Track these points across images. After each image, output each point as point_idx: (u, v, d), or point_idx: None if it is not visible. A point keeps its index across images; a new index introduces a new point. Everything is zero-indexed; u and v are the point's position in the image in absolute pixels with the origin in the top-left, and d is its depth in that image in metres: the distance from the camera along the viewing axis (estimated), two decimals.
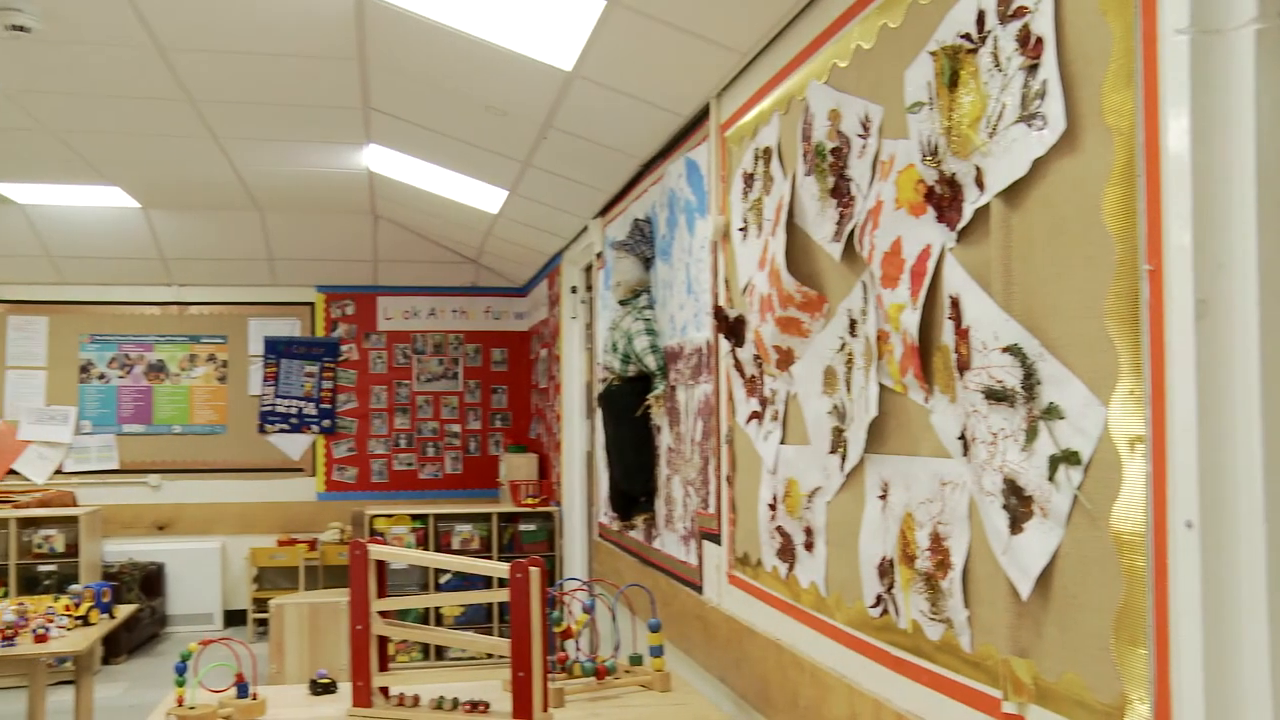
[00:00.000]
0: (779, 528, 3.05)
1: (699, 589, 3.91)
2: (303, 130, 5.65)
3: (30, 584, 7.56)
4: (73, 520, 7.71)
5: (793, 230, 2.85)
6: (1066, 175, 1.70)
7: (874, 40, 2.40)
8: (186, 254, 8.51)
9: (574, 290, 6.93)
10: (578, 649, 3.48)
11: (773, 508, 3.10)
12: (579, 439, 6.92)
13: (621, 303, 4.71)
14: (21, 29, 3.99)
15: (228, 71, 4.64)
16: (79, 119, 5.40)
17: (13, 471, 8.62)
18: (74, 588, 5.34)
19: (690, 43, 3.32)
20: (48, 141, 5.81)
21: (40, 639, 4.69)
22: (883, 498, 2.38)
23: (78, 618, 5.03)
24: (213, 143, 5.86)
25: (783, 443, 3.02)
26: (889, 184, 2.28)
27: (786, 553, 2.99)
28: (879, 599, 2.40)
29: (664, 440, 4.41)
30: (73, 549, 7.67)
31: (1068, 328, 1.70)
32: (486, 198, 6.28)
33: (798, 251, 2.83)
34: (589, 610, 3.52)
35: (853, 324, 2.52)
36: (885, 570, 2.36)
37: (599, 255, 5.74)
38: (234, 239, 8.33)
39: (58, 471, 8.70)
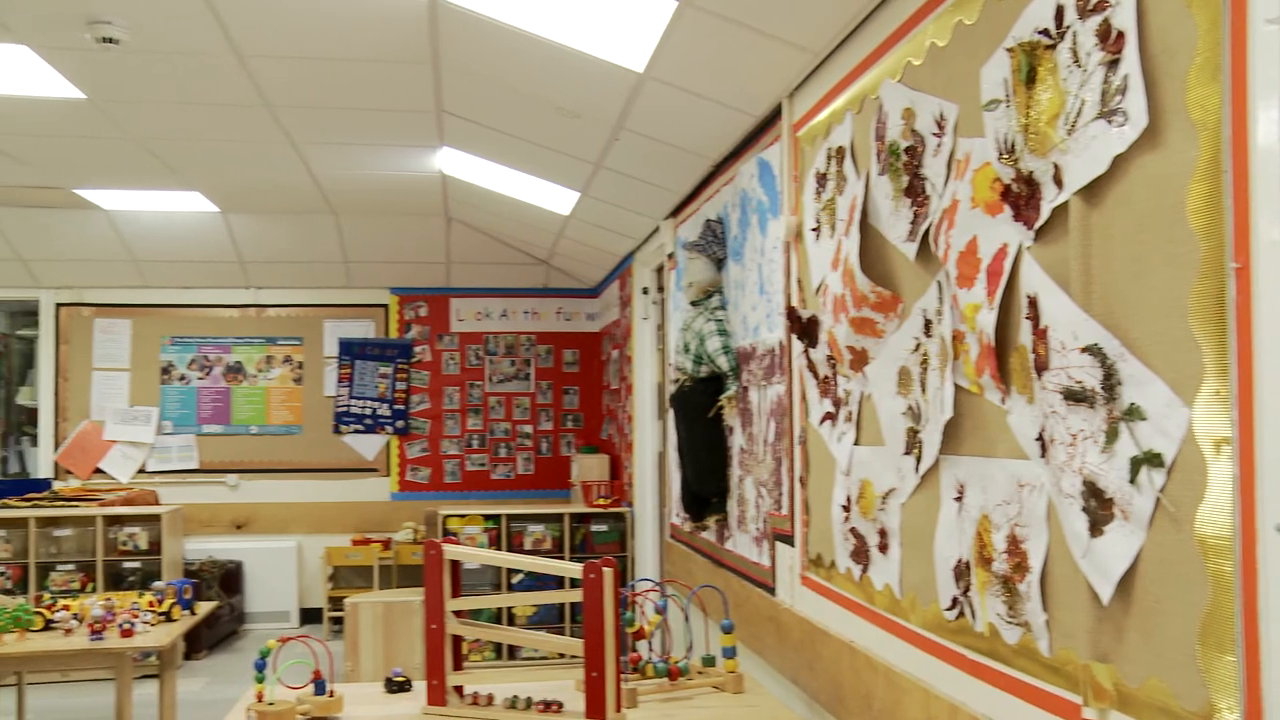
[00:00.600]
0: (853, 529, 3.03)
1: (771, 590, 3.89)
2: (377, 134, 5.73)
3: (116, 580, 7.74)
4: (155, 519, 7.88)
5: (866, 230, 2.83)
6: (1148, 172, 1.67)
7: (949, 38, 2.38)
8: (264, 257, 8.67)
9: (645, 291, 6.94)
10: (650, 650, 3.48)
11: (846, 509, 3.08)
12: (651, 440, 6.93)
13: (693, 303, 4.71)
14: (111, 41, 4.10)
15: (304, 77, 4.72)
16: (162, 126, 5.53)
17: (99, 470, 8.85)
18: (157, 584, 5.46)
19: (762, 42, 3.31)
20: (132, 148, 5.95)
21: (126, 634, 4.81)
22: (958, 499, 2.36)
23: (161, 614, 5.15)
24: (289, 147, 5.96)
25: (857, 444, 3.00)
26: (964, 183, 2.26)
27: (860, 554, 2.97)
28: (955, 601, 2.37)
29: (736, 441, 4.40)
30: (155, 546, 7.83)
31: (1149, 327, 1.67)
32: (558, 199, 6.31)
33: (872, 251, 2.81)
34: (661, 611, 3.52)
35: (928, 324, 2.50)
36: (961, 572, 2.33)
37: (670, 256, 5.74)
38: (310, 242, 8.46)
39: (141, 471, 8.90)
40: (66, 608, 5.08)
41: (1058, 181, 1.88)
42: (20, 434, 9.90)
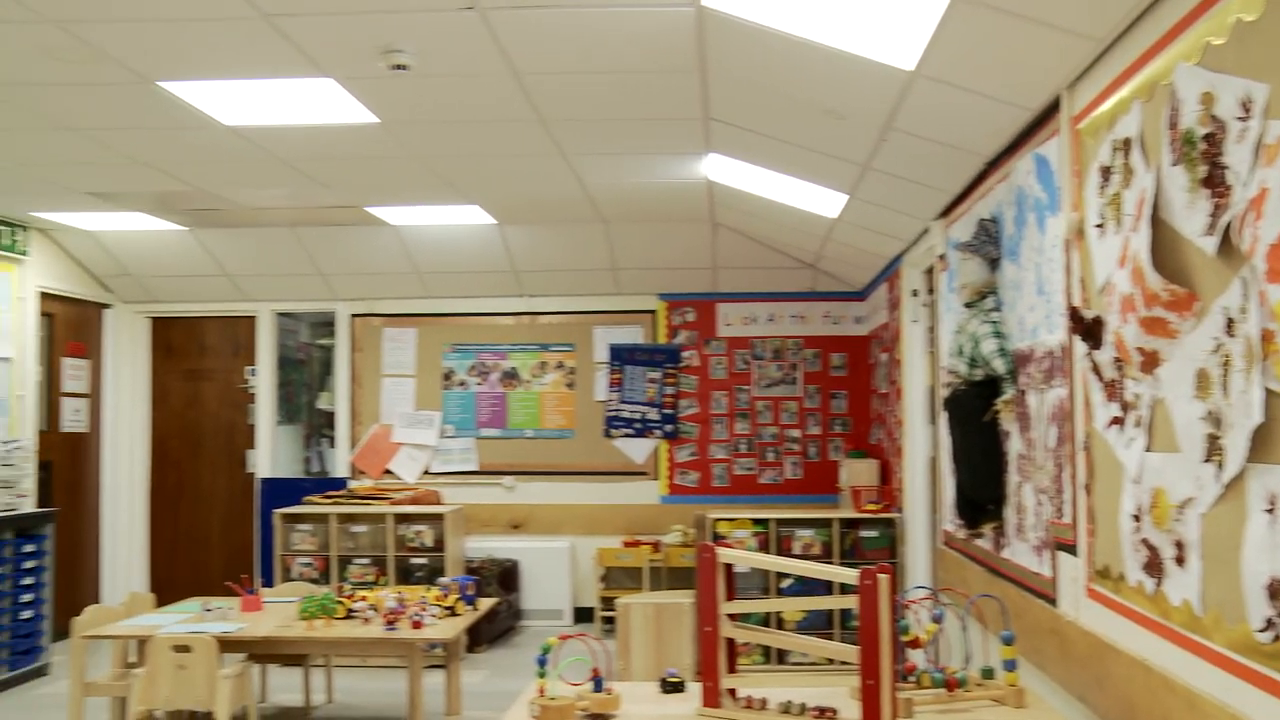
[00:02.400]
0: (1144, 540, 2.86)
1: (1053, 602, 3.73)
2: (645, 143, 5.85)
3: (404, 574, 8.21)
4: (439, 518, 8.30)
5: (1157, 225, 2.68)
6: None
7: (1259, 11, 2.20)
8: (536, 266, 9.00)
9: (915, 293, 6.79)
10: (926, 659, 3.40)
11: (1137, 518, 2.91)
12: (921, 444, 6.77)
13: (967, 305, 4.58)
14: (402, 68, 4.37)
15: (576, 91, 4.88)
16: (444, 144, 5.83)
17: (388, 471, 9.42)
18: (443, 580, 5.77)
19: (1039, 33, 3.18)
20: (416, 167, 6.31)
21: (416, 625, 5.11)
22: (1269, 511, 2.18)
23: (446, 608, 5.43)
24: (561, 160, 6.17)
25: (1148, 450, 2.83)
26: (1275, 169, 2.09)
27: (1153, 567, 2.80)
28: (1269, 623, 2.19)
29: (1013, 446, 4.24)
30: (439, 544, 8.26)
31: None
32: (825, 202, 6.26)
33: (1163, 247, 2.65)
34: (938, 620, 3.43)
35: (1230, 323, 2.33)
36: (1276, 591, 2.16)
37: (941, 257, 5.59)
38: (580, 250, 8.72)
39: (425, 472, 9.40)
40: (364, 599, 5.44)
41: None
42: (320, 436, 10.68)
